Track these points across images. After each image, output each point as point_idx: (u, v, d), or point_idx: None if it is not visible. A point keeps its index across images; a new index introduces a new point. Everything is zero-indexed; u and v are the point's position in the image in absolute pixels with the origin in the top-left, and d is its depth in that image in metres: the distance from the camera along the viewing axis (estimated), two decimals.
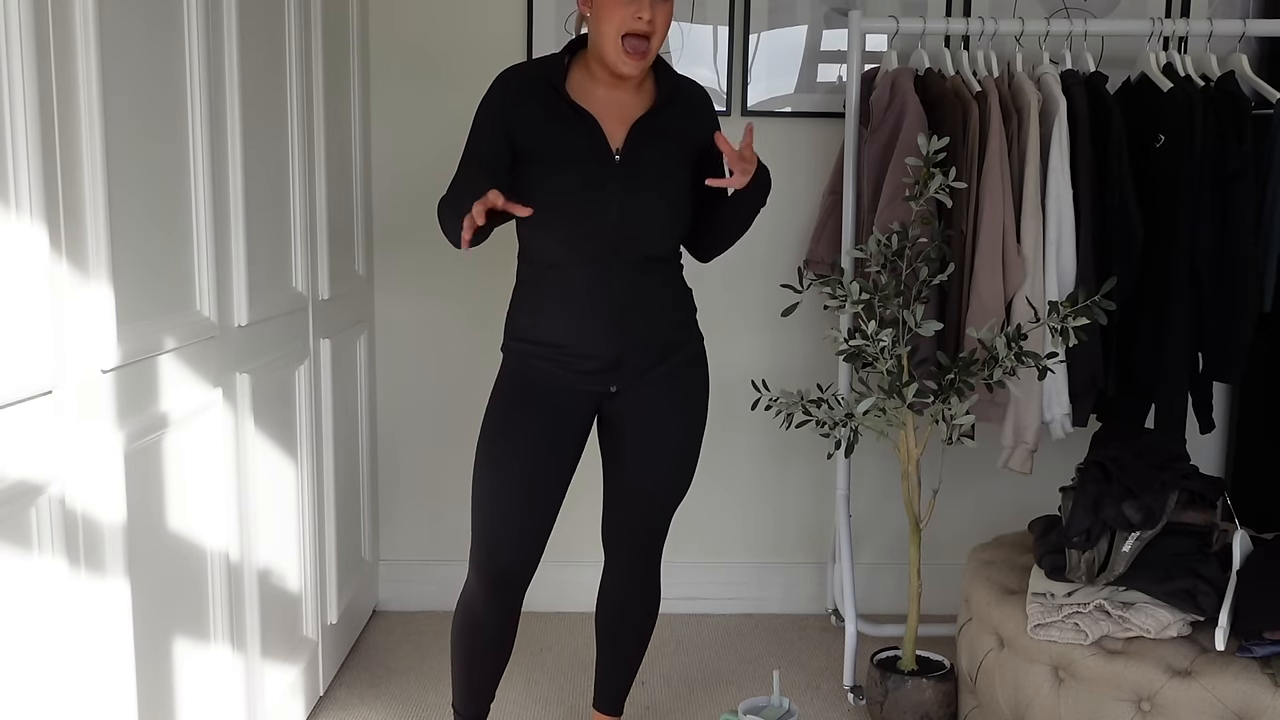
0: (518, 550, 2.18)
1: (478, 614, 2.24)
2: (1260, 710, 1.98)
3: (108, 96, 1.63)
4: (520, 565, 2.19)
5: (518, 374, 2.18)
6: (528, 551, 2.19)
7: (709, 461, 3.38)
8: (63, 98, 1.52)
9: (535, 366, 2.16)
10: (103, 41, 1.61)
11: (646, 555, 2.36)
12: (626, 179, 2.09)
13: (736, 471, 3.38)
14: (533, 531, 2.18)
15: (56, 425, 1.52)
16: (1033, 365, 2.43)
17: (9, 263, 1.42)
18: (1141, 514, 2.24)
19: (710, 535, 3.41)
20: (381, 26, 3.17)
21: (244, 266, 2.17)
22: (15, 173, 1.42)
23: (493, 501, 2.15)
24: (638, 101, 2.16)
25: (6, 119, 1.40)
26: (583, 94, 2.14)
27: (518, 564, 2.19)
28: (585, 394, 2.18)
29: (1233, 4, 3.23)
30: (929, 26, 2.84)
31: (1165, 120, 2.72)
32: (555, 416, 2.16)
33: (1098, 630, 2.17)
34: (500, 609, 2.23)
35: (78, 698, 1.59)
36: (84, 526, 1.58)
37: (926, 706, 2.57)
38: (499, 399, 2.18)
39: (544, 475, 2.16)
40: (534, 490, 2.15)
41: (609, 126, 2.12)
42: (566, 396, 2.17)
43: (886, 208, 2.74)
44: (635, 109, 2.15)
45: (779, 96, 3.25)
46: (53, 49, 1.50)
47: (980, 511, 3.35)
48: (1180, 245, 2.70)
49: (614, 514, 2.32)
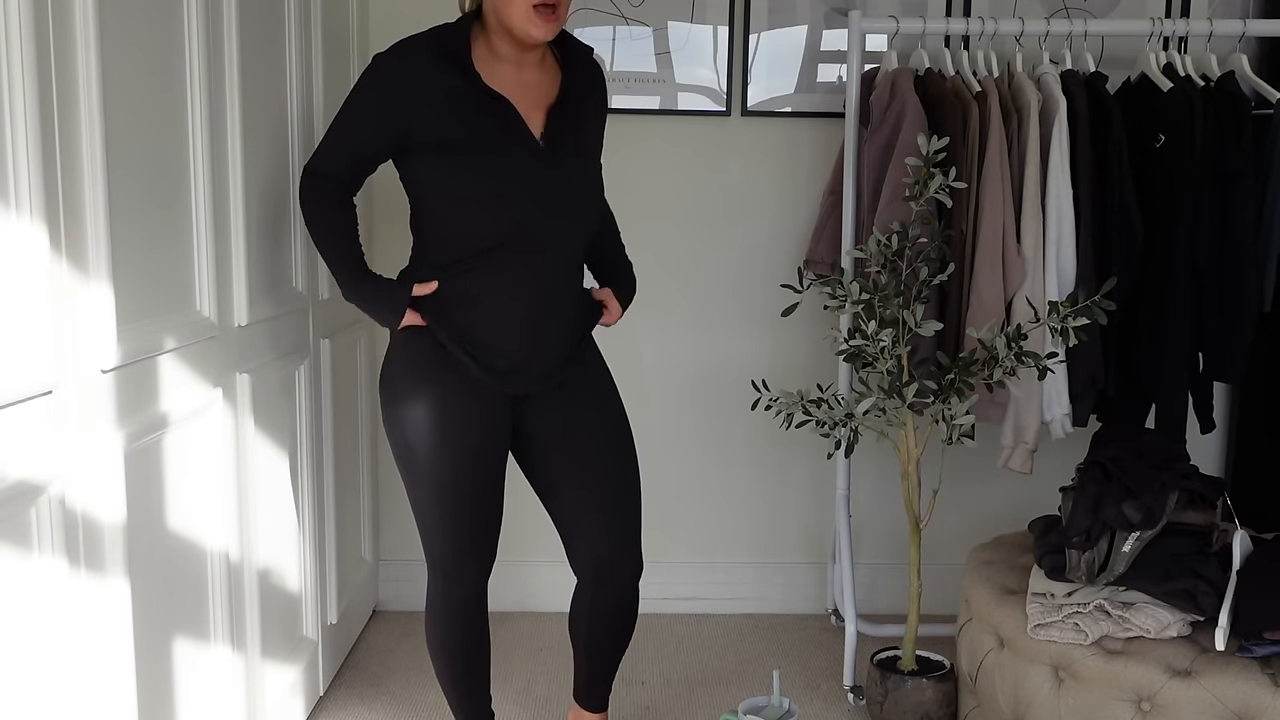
0: (480, 563, 2.17)
1: (454, 627, 2.20)
2: (1260, 710, 1.98)
3: (108, 96, 1.63)
4: (482, 573, 2.19)
5: (430, 370, 2.04)
6: (487, 559, 2.18)
7: (709, 461, 3.39)
8: (63, 97, 1.52)
9: (450, 362, 2.04)
10: (103, 41, 1.61)
11: (628, 576, 2.24)
12: (553, 168, 2.00)
13: (736, 472, 3.38)
14: (489, 542, 2.17)
15: (56, 425, 1.52)
16: (1033, 365, 2.43)
17: (9, 263, 1.42)
18: (1141, 514, 2.24)
19: (710, 535, 3.41)
20: (381, 26, 3.16)
21: (244, 266, 2.17)
22: (15, 173, 1.42)
23: (447, 529, 2.10)
24: (545, 81, 2.05)
25: (6, 119, 1.40)
26: (492, 75, 1.99)
27: (482, 574, 2.19)
28: (501, 398, 2.09)
29: (1233, 4, 3.22)
30: (929, 26, 2.84)
31: (1165, 120, 2.72)
32: (484, 423, 2.08)
33: (1098, 630, 2.17)
34: (472, 612, 2.20)
35: (78, 697, 1.58)
36: (84, 527, 1.58)
37: (926, 706, 2.57)
38: (420, 400, 2.05)
39: (491, 491, 2.12)
40: (484, 509, 2.12)
41: (525, 110, 1.99)
42: (488, 399, 2.07)
43: (886, 208, 2.74)
44: (546, 90, 2.04)
45: (779, 96, 3.25)
46: (53, 49, 1.50)
47: (980, 511, 3.35)
48: (1180, 245, 2.70)
49: (577, 536, 2.21)
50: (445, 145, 1.94)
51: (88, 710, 1.61)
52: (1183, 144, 2.68)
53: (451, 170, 1.95)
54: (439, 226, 2.04)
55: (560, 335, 2.10)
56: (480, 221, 1.99)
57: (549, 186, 2.00)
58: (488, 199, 1.96)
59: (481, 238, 2.00)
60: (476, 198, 1.95)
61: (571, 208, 2.05)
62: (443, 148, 1.95)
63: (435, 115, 1.94)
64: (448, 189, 1.95)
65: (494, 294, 2.02)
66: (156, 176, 1.83)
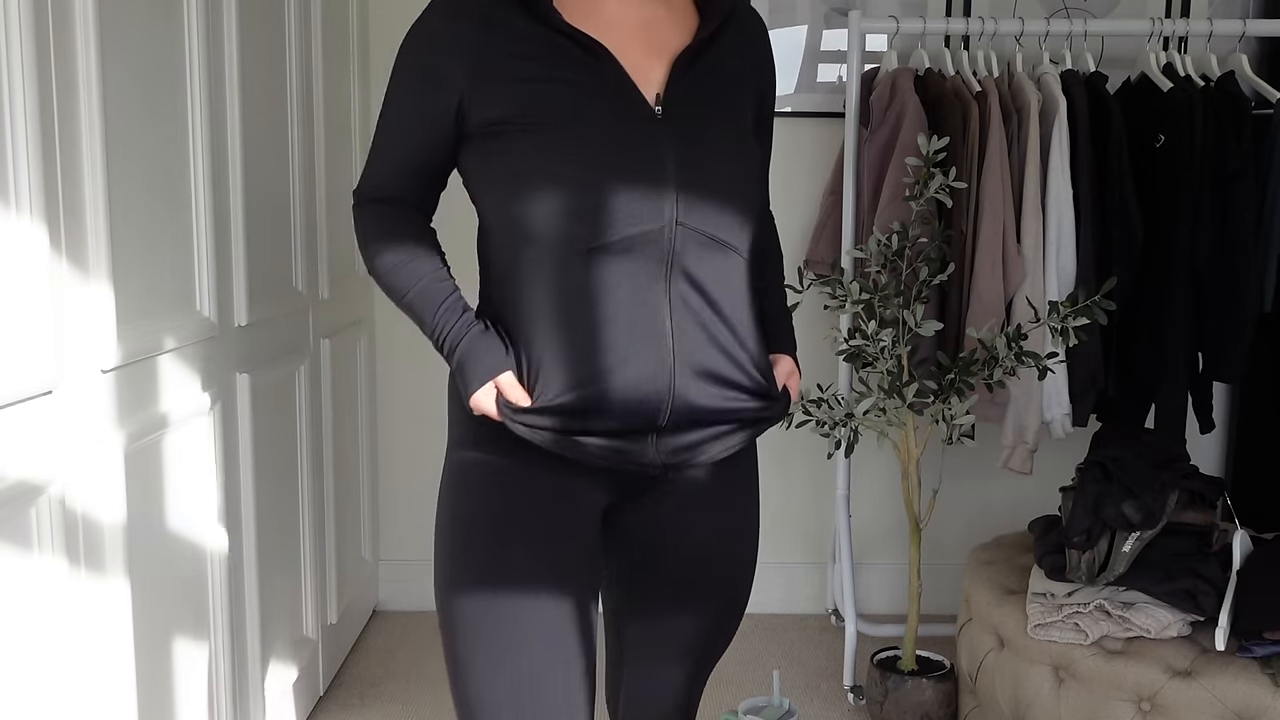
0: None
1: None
2: (1260, 710, 1.98)
3: (108, 96, 1.63)
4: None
5: (500, 476, 1.39)
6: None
7: None
8: (63, 97, 1.52)
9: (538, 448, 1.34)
10: (103, 40, 1.61)
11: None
12: (679, 140, 1.32)
13: None
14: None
15: (56, 425, 1.52)
16: (1033, 365, 2.43)
17: (9, 262, 1.42)
18: (1141, 514, 2.24)
19: None
20: (381, 26, 3.17)
21: (244, 266, 2.16)
22: (15, 172, 1.42)
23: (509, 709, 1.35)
24: (671, 21, 1.39)
25: (7, 119, 1.40)
26: (579, 10, 1.34)
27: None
28: (613, 479, 1.40)
29: (1232, 4, 3.22)
30: (929, 26, 2.84)
31: (1165, 120, 2.72)
32: (574, 536, 1.39)
33: (1098, 630, 2.17)
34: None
35: (78, 697, 1.58)
36: (84, 526, 1.58)
37: (926, 706, 2.57)
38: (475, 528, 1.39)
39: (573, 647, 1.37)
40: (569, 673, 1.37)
41: (632, 59, 1.34)
42: (585, 493, 1.39)
43: (886, 208, 2.74)
44: (670, 33, 1.38)
45: (779, 96, 3.22)
46: (53, 48, 1.50)
47: (980, 511, 3.35)
48: (1180, 245, 2.70)
49: (629, 680, 1.56)
50: (507, 123, 1.30)
51: (88, 710, 1.61)
52: (1182, 144, 2.68)
53: (512, 157, 1.31)
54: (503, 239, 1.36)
55: (716, 370, 1.37)
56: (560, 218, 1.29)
57: (677, 165, 1.31)
58: (565, 190, 1.29)
59: (563, 243, 1.30)
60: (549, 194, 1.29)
61: (711, 196, 1.33)
62: (501, 126, 1.31)
63: (495, 76, 1.31)
64: (504, 178, 1.31)
65: (611, 321, 1.31)
66: (156, 176, 1.83)
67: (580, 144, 1.29)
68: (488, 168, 1.35)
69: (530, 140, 1.30)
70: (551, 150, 1.29)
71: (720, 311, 1.35)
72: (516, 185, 1.31)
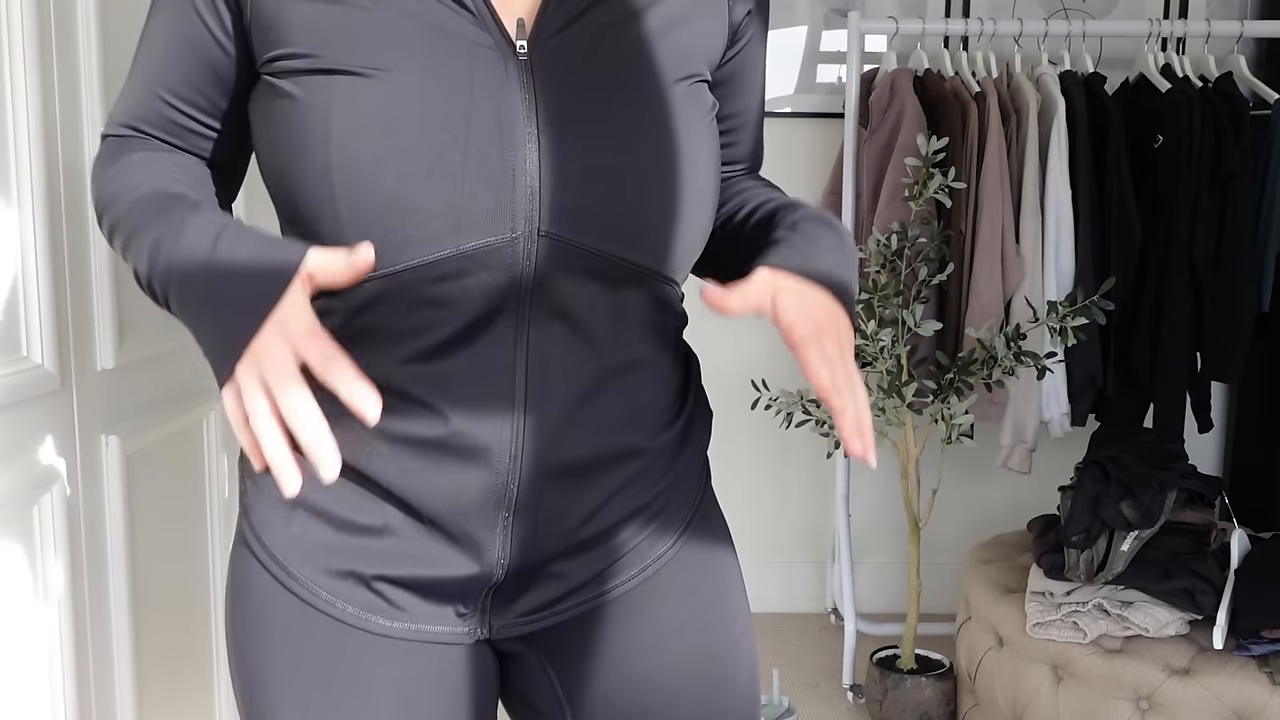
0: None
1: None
2: (1258, 708, 1.99)
3: (109, 96, 1.63)
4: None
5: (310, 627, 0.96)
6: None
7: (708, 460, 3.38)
8: (64, 97, 1.53)
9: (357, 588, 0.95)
10: (104, 40, 1.61)
11: None
12: (554, 94, 0.85)
13: (736, 471, 3.38)
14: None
15: (57, 425, 1.52)
16: (1032, 365, 2.43)
17: (9, 262, 1.43)
18: (1140, 513, 2.25)
19: None
20: None
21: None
22: (16, 172, 1.42)
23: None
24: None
25: (8, 119, 1.40)
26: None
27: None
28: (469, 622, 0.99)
29: (1230, 5, 3.23)
30: (928, 27, 2.85)
31: (1163, 121, 2.72)
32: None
33: (1096, 629, 2.18)
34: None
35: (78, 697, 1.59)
36: (84, 527, 1.59)
37: (926, 705, 2.58)
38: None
39: None
40: None
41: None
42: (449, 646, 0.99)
43: (886, 208, 2.74)
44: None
45: (779, 97, 3.26)
46: (54, 48, 1.50)
47: (980, 511, 3.36)
48: (1178, 245, 2.70)
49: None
50: (307, 59, 0.85)
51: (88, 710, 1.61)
52: (1181, 144, 2.69)
53: (315, 114, 0.85)
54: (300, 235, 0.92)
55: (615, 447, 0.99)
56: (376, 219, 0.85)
57: (547, 143, 0.84)
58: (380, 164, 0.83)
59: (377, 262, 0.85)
60: (353, 162, 0.84)
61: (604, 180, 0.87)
62: (302, 66, 0.86)
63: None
64: (299, 149, 0.86)
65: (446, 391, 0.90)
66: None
67: (384, 99, 0.83)
68: (265, 128, 0.91)
69: (308, 88, 0.85)
70: (337, 107, 0.83)
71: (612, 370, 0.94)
72: (289, 156, 0.88)
